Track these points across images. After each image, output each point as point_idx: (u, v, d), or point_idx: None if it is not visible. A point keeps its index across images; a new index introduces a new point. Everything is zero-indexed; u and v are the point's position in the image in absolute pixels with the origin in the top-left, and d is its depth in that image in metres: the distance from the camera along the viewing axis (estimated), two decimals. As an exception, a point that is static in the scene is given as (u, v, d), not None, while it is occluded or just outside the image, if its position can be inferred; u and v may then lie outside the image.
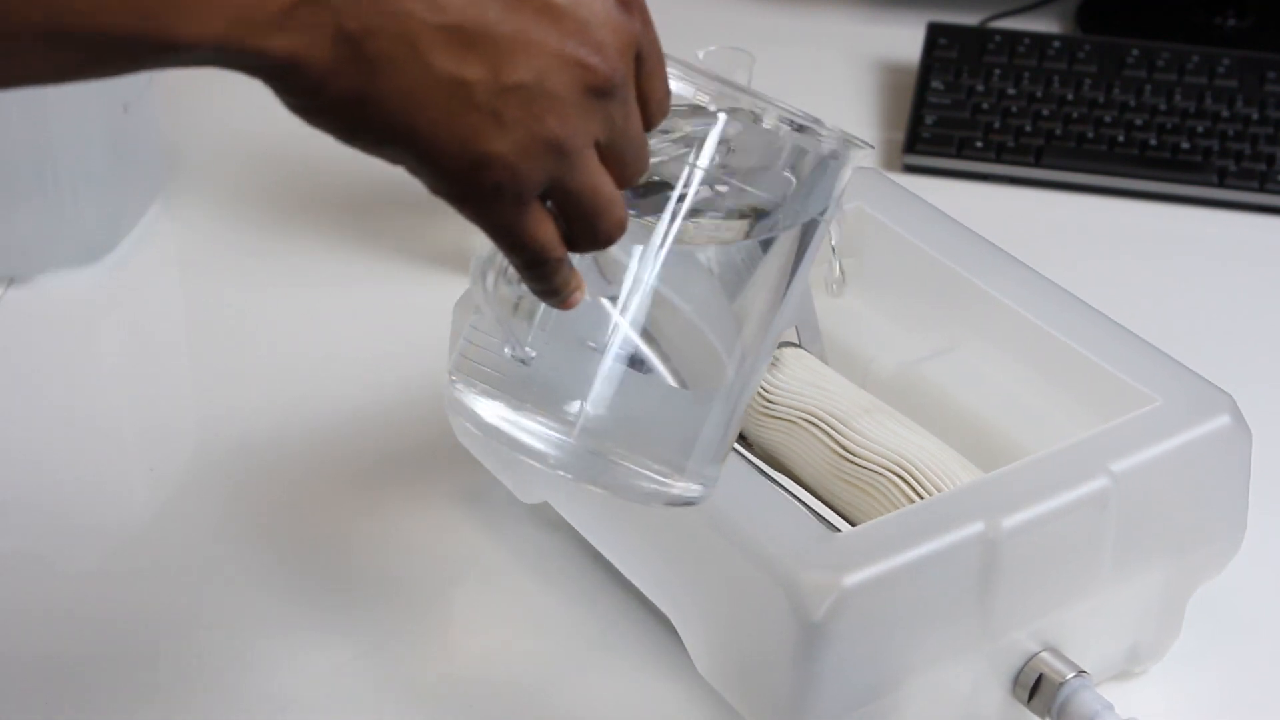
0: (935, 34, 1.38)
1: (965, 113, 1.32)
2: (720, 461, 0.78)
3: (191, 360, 1.15)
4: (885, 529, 0.82)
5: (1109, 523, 0.85)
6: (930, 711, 0.83)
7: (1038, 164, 1.29)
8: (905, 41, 1.41)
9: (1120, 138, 1.30)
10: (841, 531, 0.87)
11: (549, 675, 0.92)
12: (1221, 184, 1.28)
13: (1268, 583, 0.97)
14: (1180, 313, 1.18)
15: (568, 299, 0.71)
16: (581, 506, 0.93)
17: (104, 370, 1.14)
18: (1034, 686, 0.85)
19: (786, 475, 0.94)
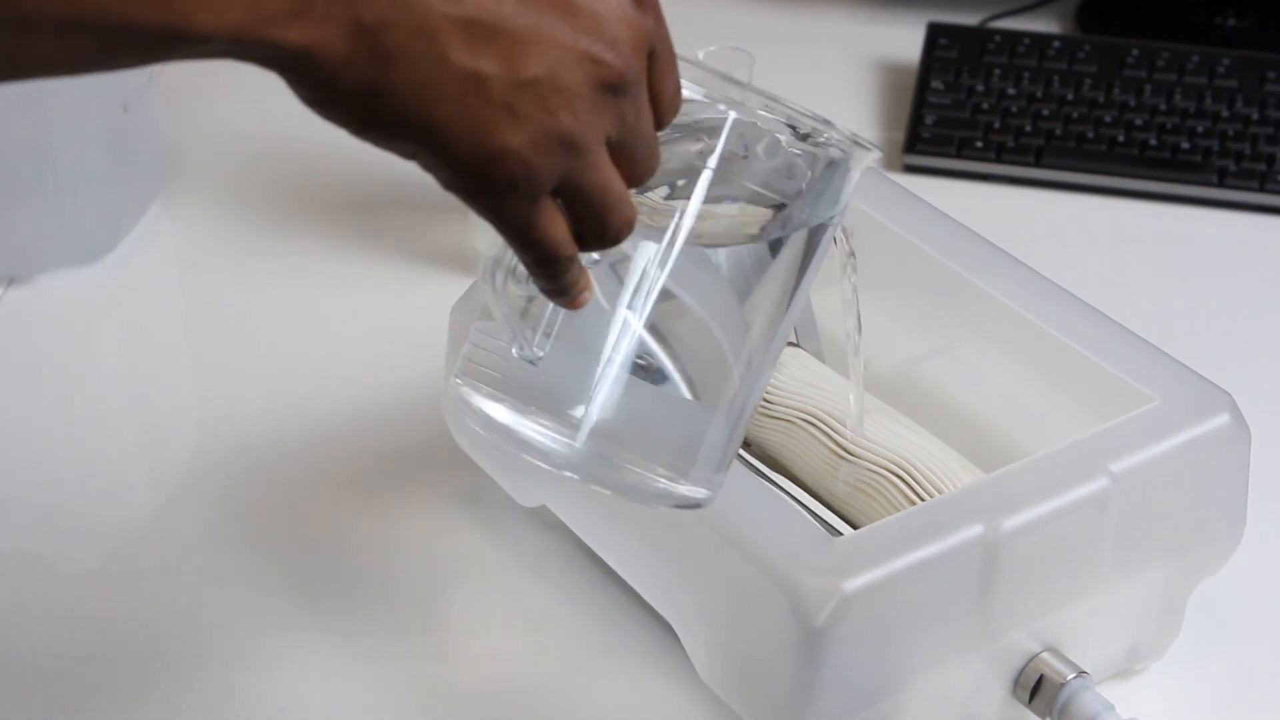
0: (935, 34, 1.38)
1: (965, 113, 1.32)
2: (726, 466, 0.78)
3: (191, 360, 1.15)
4: (885, 532, 0.82)
5: (1109, 522, 0.85)
6: (931, 714, 0.83)
7: (1038, 164, 1.29)
8: (905, 41, 1.41)
9: (1120, 138, 1.30)
10: (841, 532, 0.87)
11: (548, 678, 0.92)
12: (1221, 184, 1.28)
13: (1267, 581, 0.97)
14: (1180, 313, 1.18)
15: (576, 298, 0.71)
16: (581, 510, 0.93)
17: (104, 370, 1.14)
18: (1035, 687, 0.85)
19: (785, 475, 0.94)
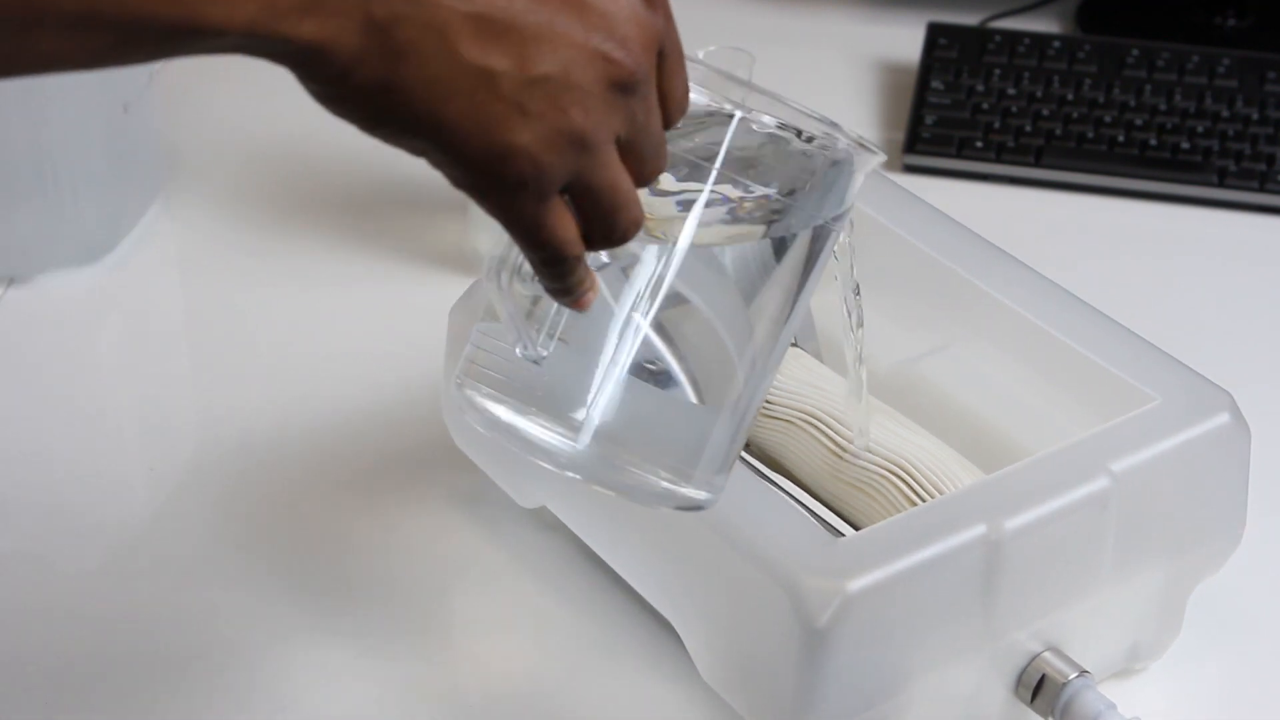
0: (935, 34, 1.38)
1: (965, 113, 1.32)
2: (728, 468, 0.77)
3: (191, 360, 1.15)
4: (887, 533, 0.82)
5: (1110, 522, 0.85)
6: (934, 714, 0.83)
7: (1038, 164, 1.29)
8: (905, 41, 1.41)
9: (1120, 138, 1.30)
10: (841, 533, 0.86)
11: (548, 678, 0.92)
12: (1221, 184, 1.28)
13: (1267, 580, 0.97)
14: (1180, 313, 1.18)
15: (581, 298, 0.71)
16: (581, 510, 0.93)
17: (104, 370, 1.14)
18: (1036, 687, 0.85)
19: (784, 475, 0.94)
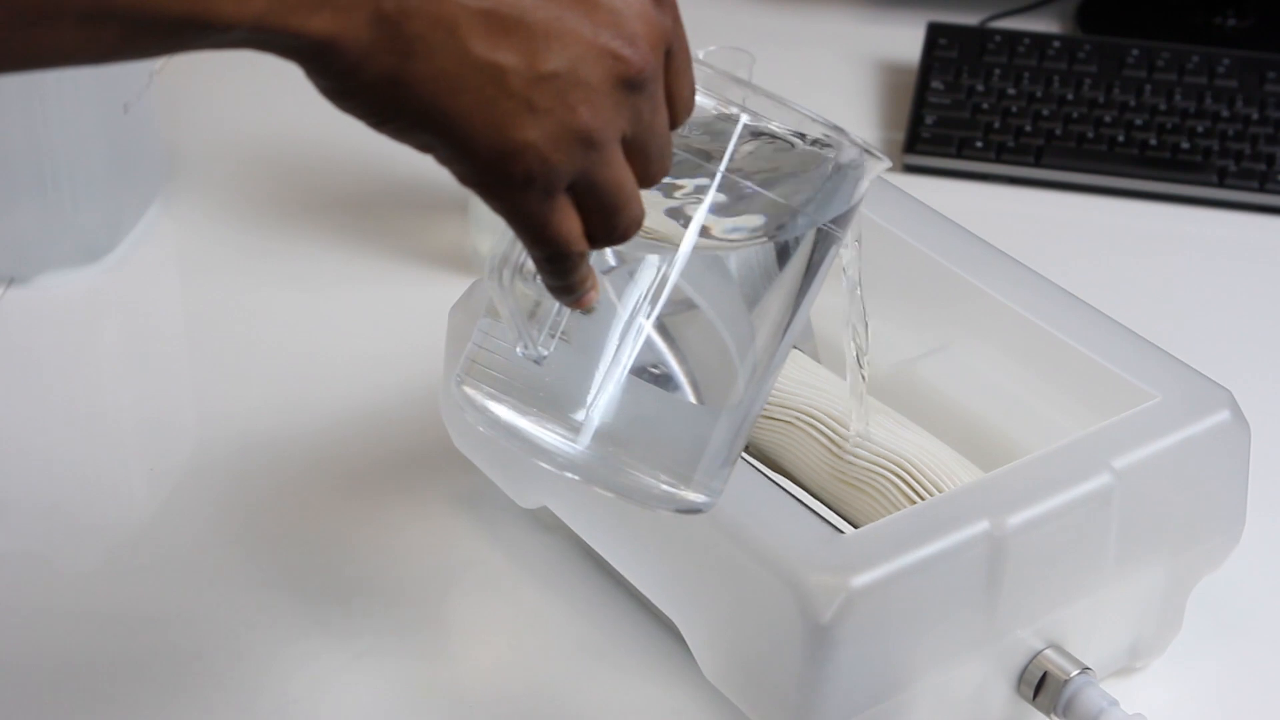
0: (935, 34, 1.38)
1: (965, 113, 1.32)
2: (728, 473, 0.77)
3: (191, 360, 1.15)
4: (891, 529, 0.82)
5: (1112, 519, 0.85)
6: (937, 711, 0.83)
7: (1038, 164, 1.29)
8: (905, 41, 1.41)
9: (1120, 138, 1.30)
10: (843, 531, 0.86)
11: (548, 678, 0.92)
12: (1221, 184, 1.28)
13: (1267, 576, 0.97)
14: (1180, 312, 1.18)
15: (583, 297, 0.71)
16: (582, 510, 0.93)
17: (104, 370, 1.14)
18: (1039, 684, 0.85)
19: (783, 475, 0.94)
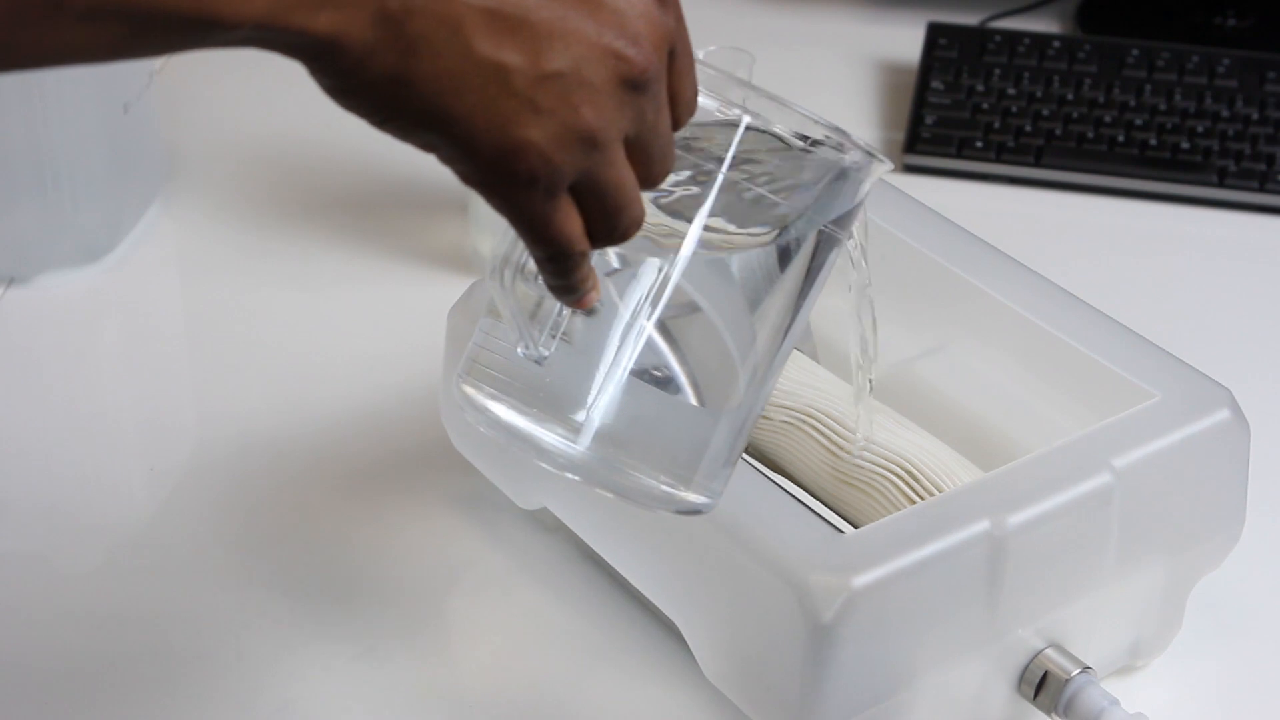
0: (935, 34, 1.38)
1: (965, 113, 1.32)
2: (728, 474, 0.77)
3: (191, 360, 1.15)
4: (892, 529, 0.82)
5: (1112, 518, 0.85)
6: (937, 711, 0.83)
7: (1038, 164, 1.29)
8: (905, 41, 1.41)
9: (1120, 138, 1.30)
10: (843, 531, 0.86)
11: (548, 679, 0.92)
12: (1221, 184, 1.28)
13: (1266, 575, 0.98)
14: (1180, 312, 1.18)
15: (583, 297, 0.71)
16: (582, 510, 0.93)
17: (104, 370, 1.14)
18: (1040, 683, 0.85)
19: (782, 475, 0.94)
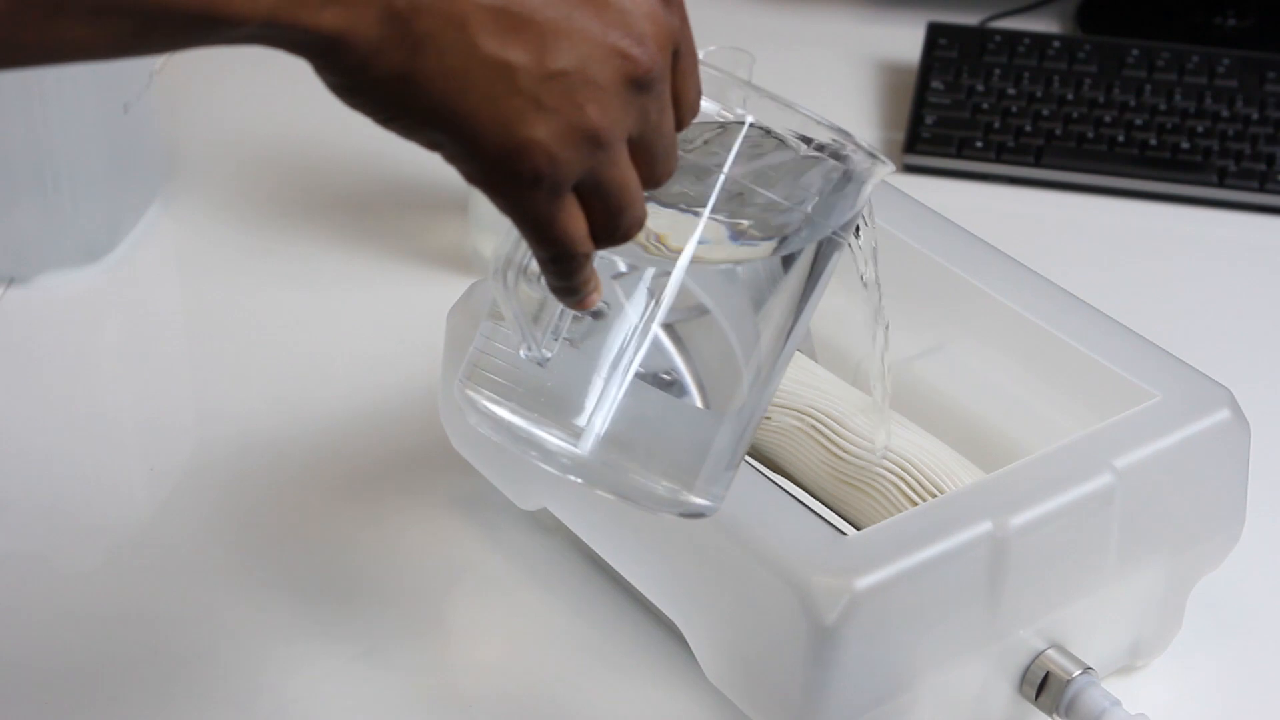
0: (935, 34, 1.38)
1: (965, 113, 1.32)
2: (730, 477, 0.77)
3: (191, 360, 1.14)
4: (893, 530, 0.82)
5: (1113, 519, 0.85)
6: (939, 712, 0.83)
7: (1038, 164, 1.29)
8: (905, 41, 1.41)
9: (1120, 138, 1.30)
10: (843, 532, 0.86)
11: (548, 681, 0.92)
12: (1221, 184, 1.28)
13: (1266, 574, 0.98)
14: (1180, 312, 1.18)
15: (585, 298, 0.70)
16: (583, 511, 0.93)
17: (104, 370, 1.14)
18: (1041, 684, 0.85)
19: (783, 476, 0.94)
